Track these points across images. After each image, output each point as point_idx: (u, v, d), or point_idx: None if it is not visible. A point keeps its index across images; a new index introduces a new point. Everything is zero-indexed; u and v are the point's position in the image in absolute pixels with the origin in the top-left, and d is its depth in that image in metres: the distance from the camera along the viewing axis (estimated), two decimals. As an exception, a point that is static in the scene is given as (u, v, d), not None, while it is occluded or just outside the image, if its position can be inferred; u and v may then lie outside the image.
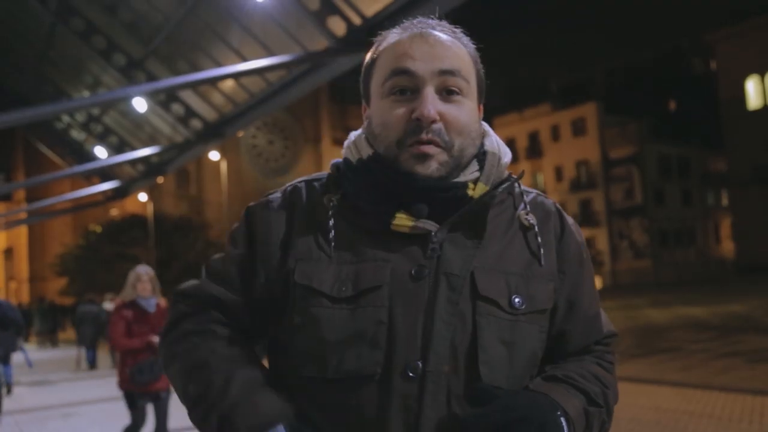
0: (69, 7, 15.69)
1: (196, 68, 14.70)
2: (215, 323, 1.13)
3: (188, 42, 15.24)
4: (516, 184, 1.17)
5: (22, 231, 53.36)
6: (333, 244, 1.09)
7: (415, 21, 1.14)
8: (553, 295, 1.14)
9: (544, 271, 1.13)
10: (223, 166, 39.45)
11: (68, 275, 42.79)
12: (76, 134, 24.38)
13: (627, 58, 58.63)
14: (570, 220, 1.22)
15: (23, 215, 36.92)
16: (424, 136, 1.05)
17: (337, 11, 11.02)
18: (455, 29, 1.14)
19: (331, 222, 1.10)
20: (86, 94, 20.06)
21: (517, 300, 1.08)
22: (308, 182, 1.19)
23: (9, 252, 56.56)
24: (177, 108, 17.36)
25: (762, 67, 43.35)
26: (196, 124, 17.46)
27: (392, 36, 1.14)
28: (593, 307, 1.20)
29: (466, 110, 1.10)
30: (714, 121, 47.97)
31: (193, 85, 13.74)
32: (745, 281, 34.98)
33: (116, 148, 22.01)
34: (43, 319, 24.90)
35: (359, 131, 1.20)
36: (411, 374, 1.01)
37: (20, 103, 18.30)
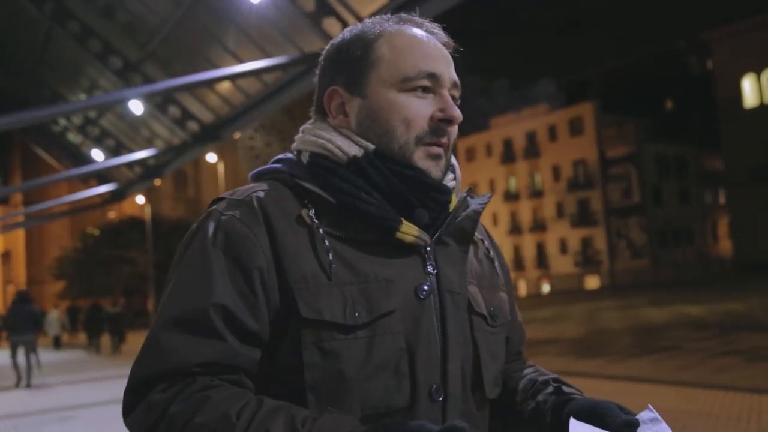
0: (65, 11, 15.67)
1: (193, 70, 14.66)
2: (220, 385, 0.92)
3: (184, 44, 15.22)
4: None
5: (20, 234, 53.34)
6: (333, 265, 0.97)
7: (410, 17, 1.12)
8: (508, 304, 1.18)
9: (500, 282, 1.18)
10: (221, 168, 39.38)
11: (66, 278, 42.76)
12: (73, 137, 24.35)
13: (624, 57, 58.76)
14: None
15: (20, 218, 36.82)
16: (443, 138, 1.05)
17: (332, 12, 11.02)
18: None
19: (327, 242, 0.98)
20: (83, 97, 20.04)
21: (494, 313, 1.11)
22: (268, 192, 1.04)
23: (6, 255, 56.52)
24: (173, 110, 17.34)
25: (758, 66, 43.47)
26: (192, 126, 17.43)
27: (398, 28, 1.09)
28: (519, 314, 1.27)
29: None
30: (711, 120, 48.10)
31: (190, 88, 13.73)
32: (743, 280, 35.02)
33: (113, 151, 21.99)
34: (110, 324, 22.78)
35: (315, 124, 1.11)
36: (438, 398, 0.99)
37: (17, 106, 18.23)
